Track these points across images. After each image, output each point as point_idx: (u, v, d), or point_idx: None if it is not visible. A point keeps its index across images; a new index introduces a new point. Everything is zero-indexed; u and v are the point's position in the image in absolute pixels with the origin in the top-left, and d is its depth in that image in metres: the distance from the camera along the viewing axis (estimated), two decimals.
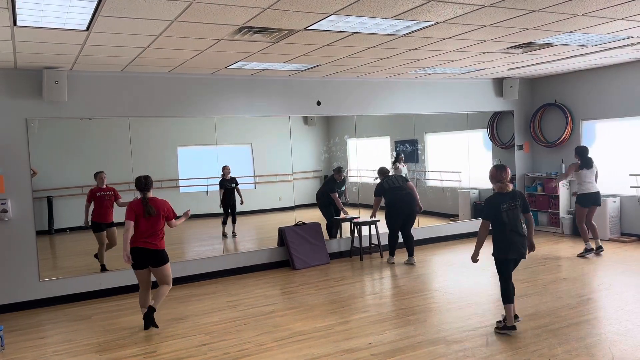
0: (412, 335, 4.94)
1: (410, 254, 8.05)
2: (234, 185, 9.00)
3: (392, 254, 8.14)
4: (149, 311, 5.41)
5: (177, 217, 5.64)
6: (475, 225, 9.97)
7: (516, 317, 5.00)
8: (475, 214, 10.42)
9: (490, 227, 4.92)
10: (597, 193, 7.91)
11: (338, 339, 4.91)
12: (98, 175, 7.25)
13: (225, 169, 8.90)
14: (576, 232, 9.41)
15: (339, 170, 8.98)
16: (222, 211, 8.82)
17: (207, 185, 8.86)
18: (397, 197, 7.91)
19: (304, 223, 8.45)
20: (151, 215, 5.32)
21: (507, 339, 4.72)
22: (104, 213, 7.25)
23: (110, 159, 7.82)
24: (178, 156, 8.87)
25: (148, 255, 5.37)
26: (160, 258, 5.42)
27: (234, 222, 9.02)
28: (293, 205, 8.81)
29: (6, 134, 6.44)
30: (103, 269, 7.22)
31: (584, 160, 7.91)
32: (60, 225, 7.69)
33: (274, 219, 9.30)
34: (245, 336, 5.14)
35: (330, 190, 8.93)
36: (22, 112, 6.51)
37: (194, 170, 9.02)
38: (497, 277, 7.05)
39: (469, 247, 9.01)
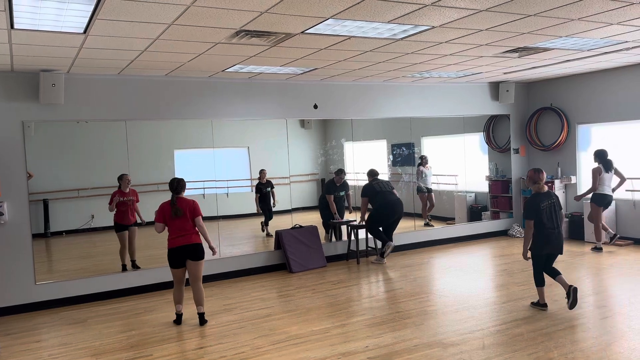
0: (408, 338, 4.94)
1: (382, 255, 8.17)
2: (269, 188, 9.27)
3: (384, 242, 8.14)
4: (201, 317, 5.67)
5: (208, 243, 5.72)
6: (471, 228, 10.03)
7: (572, 288, 5.41)
8: (471, 217, 10.45)
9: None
10: (611, 196, 8.27)
11: (335, 342, 4.91)
12: (124, 177, 7.28)
13: (261, 172, 9.21)
14: (573, 236, 9.45)
15: (338, 172, 8.93)
16: (262, 212, 9.32)
17: (204, 188, 8.85)
18: (389, 201, 7.95)
19: (300, 226, 8.45)
20: (178, 216, 5.46)
21: (502, 342, 4.73)
22: (126, 215, 7.33)
23: (106, 162, 7.81)
24: (175, 159, 8.86)
25: (186, 251, 5.51)
26: (198, 251, 5.57)
27: (269, 219, 9.39)
28: (290, 208, 8.81)
29: (2, 137, 6.43)
30: (124, 268, 7.29)
31: (605, 164, 8.19)
32: (56, 228, 7.67)
33: (270, 222, 9.31)
34: (241, 339, 5.13)
35: (327, 192, 8.93)
36: (19, 114, 6.50)
37: (191, 173, 9.00)
38: (494, 281, 7.08)
39: (465, 251, 9.06)
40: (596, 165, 8.29)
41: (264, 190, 9.26)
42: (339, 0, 4.15)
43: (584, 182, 9.59)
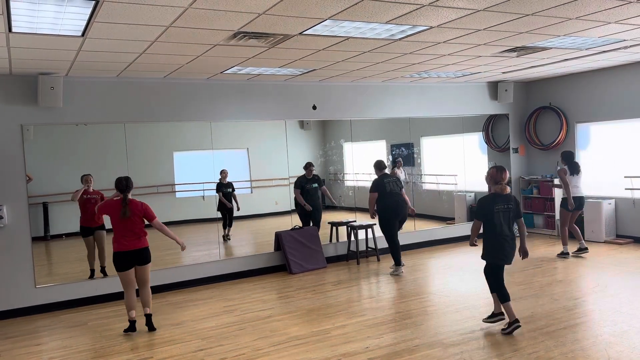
0: (409, 338, 4.94)
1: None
2: (230, 190, 8.93)
3: (399, 263, 7.56)
4: (148, 319, 5.55)
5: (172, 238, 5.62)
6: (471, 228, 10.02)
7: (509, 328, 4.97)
8: (471, 217, 10.45)
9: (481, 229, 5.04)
10: (582, 198, 8.04)
11: (335, 343, 4.90)
12: (84, 178, 7.05)
13: (222, 172, 8.84)
14: (572, 235, 9.44)
15: (307, 166, 8.71)
16: (221, 215, 8.81)
17: (204, 190, 8.86)
18: (396, 203, 7.58)
19: (300, 227, 8.45)
20: (125, 217, 5.33)
21: (502, 341, 4.73)
22: (91, 217, 7.00)
23: (105, 164, 7.81)
24: (174, 161, 8.87)
25: (134, 256, 5.41)
26: (145, 255, 5.47)
27: (229, 225, 8.93)
28: (289, 209, 8.81)
29: (1, 140, 6.43)
30: (92, 274, 7.14)
31: (571, 166, 8.00)
32: (55, 231, 7.66)
33: (270, 223, 9.31)
34: (242, 341, 5.13)
35: (295, 185, 8.68)
36: (18, 118, 6.50)
37: (190, 175, 9.02)
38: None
39: (465, 251, 9.05)
40: (560, 167, 8.06)
41: (224, 191, 8.87)
42: (337, 1, 4.15)
43: (583, 181, 9.58)
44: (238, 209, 8.95)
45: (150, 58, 5.87)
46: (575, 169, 7.99)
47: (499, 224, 4.88)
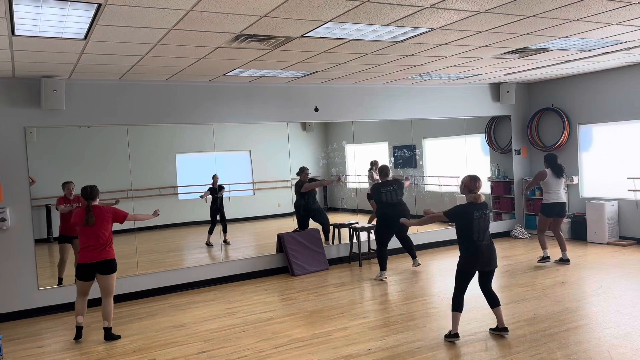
0: (411, 340, 4.94)
1: (414, 256, 7.86)
2: (219, 195, 8.81)
3: (384, 269, 7.48)
4: (107, 333, 5.47)
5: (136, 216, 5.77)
6: None
7: (504, 329, 4.96)
8: None
9: (457, 237, 4.93)
10: (563, 204, 7.76)
11: (337, 345, 4.90)
12: (66, 186, 6.88)
13: (214, 177, 8.71)
14: (575, 237, 9.44)
15: (301, 170, 8.69)
16: (211, 220, 8.73)
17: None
18: (390, 215, 7.36)
19: (303, 229, 8.45)
20: (89, 224, 5.32)
21: (505, 343, 4.73)
22: (70, 225, 6.50)
23: (108, 166, 7.84)
24: (177, 163, 8.89)
25: (96, 267, 5.38)
26: (109, 265, 5.42)
27: (225, 231, 8.78)
28: (292, 211, 8.82)
29: (4, 143, 6.45)
30: (60, 282, 6.95)
31: (553, 169, 7.73)
32: (58, 233, 7.67)
33: (272, 225, 9.31)
34: (244, 343, 5.13)
35: (295, 190, 8.70)
36: (21, 120, 6.52)
37: (193, 177, 9.04)
38: (496, 282, 7.04)
39: None
40: (546, 170, 7.78)
41: (216, 194, 8.72)
42: (338, 3, 4.16)
43: (586, 182, 9.60)
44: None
45: (153, 61, 5.89)
46: (558, 172, 7.70)
47: (477, 231, 4.78)
